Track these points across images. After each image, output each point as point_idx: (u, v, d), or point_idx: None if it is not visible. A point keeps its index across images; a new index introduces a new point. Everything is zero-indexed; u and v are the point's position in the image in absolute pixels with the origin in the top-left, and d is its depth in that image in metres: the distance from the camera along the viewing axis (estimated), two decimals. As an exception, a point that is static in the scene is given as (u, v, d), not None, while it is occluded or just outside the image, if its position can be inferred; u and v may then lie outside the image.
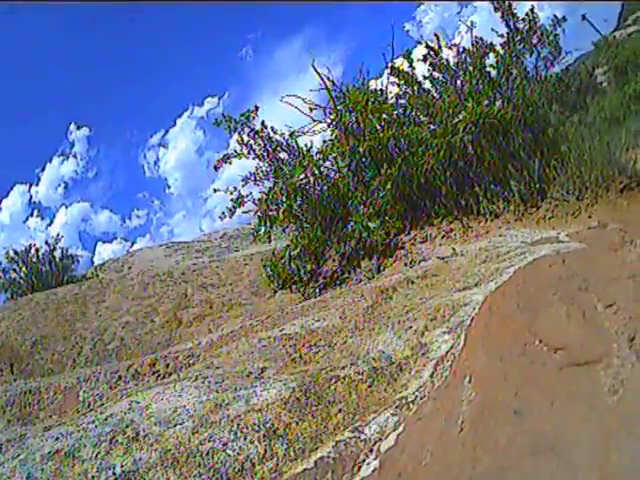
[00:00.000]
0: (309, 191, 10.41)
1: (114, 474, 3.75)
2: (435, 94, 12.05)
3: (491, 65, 12.32)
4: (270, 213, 10.31)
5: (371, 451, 3.27)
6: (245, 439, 3.58)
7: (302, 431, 3.52)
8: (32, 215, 47.94)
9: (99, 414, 5.20)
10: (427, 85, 12.57)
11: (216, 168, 11.60)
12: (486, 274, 6.24)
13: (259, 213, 10.52)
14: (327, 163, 11.01)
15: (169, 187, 55.76)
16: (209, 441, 3.68)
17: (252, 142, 11.47)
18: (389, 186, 9.78)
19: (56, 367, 10.38)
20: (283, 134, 11.58)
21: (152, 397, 4.97)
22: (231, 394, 4.24)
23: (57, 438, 4.85)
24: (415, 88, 12.07)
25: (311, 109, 11.39)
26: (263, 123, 11.53)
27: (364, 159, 10.45)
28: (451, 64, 12.76)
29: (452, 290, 6.04)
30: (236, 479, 3.26)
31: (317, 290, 9.53)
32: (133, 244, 47.19)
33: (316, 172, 10.60)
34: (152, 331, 10.69)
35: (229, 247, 18.06)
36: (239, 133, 11.54)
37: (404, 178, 9.99)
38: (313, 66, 11.52)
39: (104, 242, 47.58)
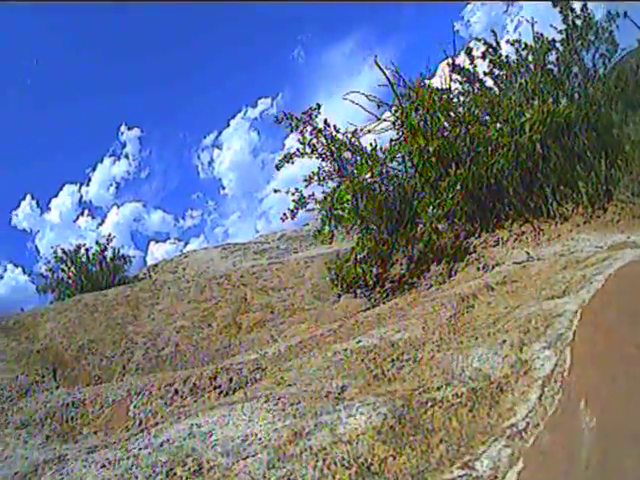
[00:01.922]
0: (374, 191, 10.07)
1: None
2: (497, 92, 11.71)
3: (551, 62, 11.98)
4: (335, 212, 9.98)
5: (489, 493, 2.72)
6: (334, 478, 2.97)
7: (401, 467, 2.92)
8: (82, 214, 47.99)
9: (153, 437, 4.61)
10: (489, 83, 12.22)
11: (278, 167, 11.23)
12: (572, 281, 5.96)
13: (323, 212, 10.21)
14: (392, 163, 10.68)
15: (223, 188, 55.63)
16: (289, 479, 3.10)
17: (315, 141, 11.11)
18: (458, 187, 9.45)
19: (104, 374, 10.01)
20: (345, 133, 11.20)
21: (216, 420, 4.39)
22: (312, 420, 3.64)
23: (103, 465, 4.23)
24: (478, 86, 11.76)
25: (379, 105, 11.07)
26: (326, 121, 11.16)
27: (432, 159, 10.04)
28: (511, 61, 12.40)
29: (538, 299, 5.67)
30: None
31: (384, 295, 9.15)
32: (186, 244, 47.13)
33: (382, 172, 10.30)
34: (209, 337, 10.30)
35: (288, 249, 17.80)
36: (301, 132, 11.18)
37: (473, 179, 9.64)
38: (377, 62, 11.15)
39: (157, 242, 47.54)
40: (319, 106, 11.30)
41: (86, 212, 49.23)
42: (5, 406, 8.31)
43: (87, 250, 21.52)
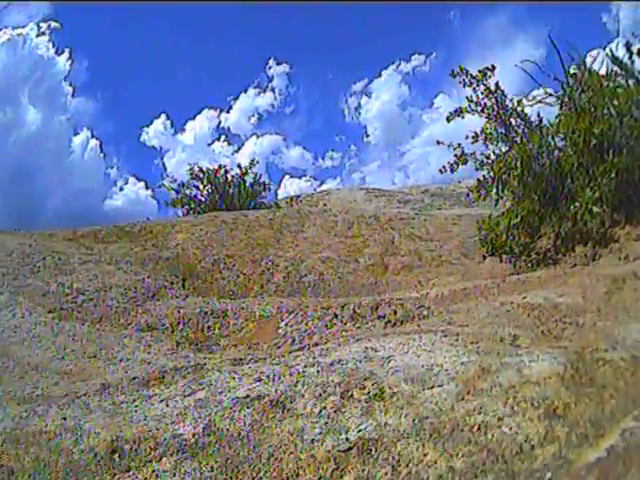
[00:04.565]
0: (538, 162, 10.14)
1: (347, 440, 3.25)
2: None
3: None
4: (502, 177, 10.13)
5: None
6: (523, 416, 3.18)
7: (581, 413, 3.14)
8: (219, 140, 49.23)
9: (319, 357, 4.83)
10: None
11: (448, 120, 11.51)
12: None
13: (490, 175, 10.39)
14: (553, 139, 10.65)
15: (367, 135, 56.19)
16: (479, 413, 3.26)
17: (486, 101, 11.38)
18: (613, 174, 9.36)
19: (239, 290, 10.33)
20: (512, 99, 11.44)
21: (394, 347, 4.60)
22: (496, 359, 3.90)
23: (258, 379, 4.40)
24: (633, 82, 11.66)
25: (556, 78, 11.11)
26: (497, 84, 11.37)
27: (593, 142, 9.93)
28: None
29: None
30: (514, 463, 2.83)
31: (529, 265, 9.33)
32: (322, 184, 47.82)
33: (543, 145, 10.31)
34: (356, 272, 10.59)
35: (432, 204, 17.81)
36: (474, 90, 11.44)
37: (627, 170, 9.55)
38: (549, 36, 11.44)
39: (292, 177, 48.43)
40: (494, 67, 11.46)
41: (222, 138, 50.28)
42: (128, 306, 8.77)
43: (226, 172, 22.04)
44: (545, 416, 3.14)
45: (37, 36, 42.99)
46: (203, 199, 21.68)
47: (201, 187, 21.97)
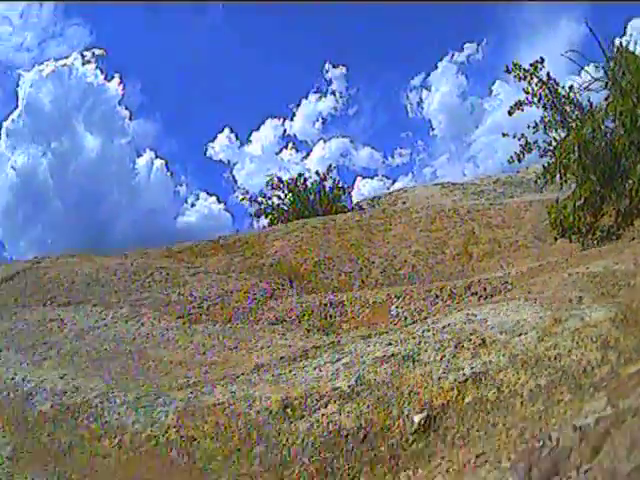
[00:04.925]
0: (594, 145, 10.82)
1: (464, 374, 4.59)
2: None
3: None
4: (563, 162, 10.85)
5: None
6: (585, 348, 4.44)
7: (628, 344, 4.34)
8: (286, 148, 50.09)
9: (432, 324, 6.17)
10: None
11: (510, 113, 12.32)
12: None
13: (552, 160, 11.22)
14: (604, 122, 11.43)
15: (433, 129, 56.26)
16: (554, 348, 4.56)
17: (541, 91, 12.22)
18: None
19: (343, 287, 11.29)
20: (564, 87, 12.31)
21: (488, 312, 5.93)
22: (566, 312, 5.21)
23: (389, 344, 5.82)
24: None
25: (596, 66, 11.98)
26: (549, 75, 12.23)
27: (638, 121, 10.62)
28: None
29: None
30: (581, 378, 4.08)
31: (595, 243, 10.14)
32: (394, 182, 48.14)
33: (596, 128, 11.07)
34: (443, 261, 11.74)
35: (504, 193, 18.70)
36: (529, 83, 12.25)
37: None
38: (586, 22, 12.48)
39: (364, 177, 48.91)
40: (543, 60, 12.30)
41: (289, 145, 51.13)
42: (252, 306, 10.01)
43: (305, 180, 23.13)
44: (601, 347, 4.41)
45: (83, 64, 44.06)
46: (286, 208, 22.66)
47: (282, 196, 23.09)
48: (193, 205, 49.24)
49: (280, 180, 23.52)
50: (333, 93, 49.82)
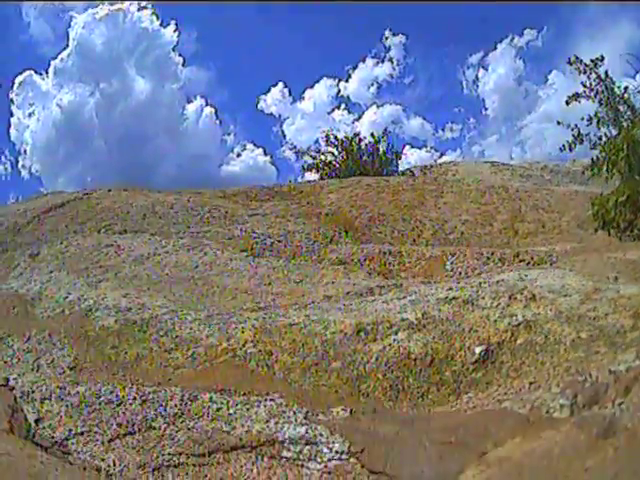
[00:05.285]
0: (637, 148, 11.05)
1: (517, 320, 5.49)
2: None
3: None
4: (612, 157, 11.19)
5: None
6: (620, 314, 5.27)
7: None
8: (338, 108, 49.91)
9: (487, 278, 7.07)
10: None
11: (567, 103, 12.82)
12: None
13: (602, 154, 11.61)
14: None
15: (486, 109, 55.78)
16: (594, 310, 5.42)
17: (597, 88, 12.56)
18: None
19: (395, 243, 11.69)
20: (619, 87, 12.66)
21: (536, 275, 6.82)
22: (604, 284, 6.14)
23: (449, 289, 6.69)
24: None
25: None
26: (607, 72, 12.58)
27: None
28: None
29: None
30: (615, 337, 4.90)
31: (632, 239, 10.48)
32: (442, 155, 48.09)
33: None
34: (491, 233, 12.35)
35: (550, 180, 19.08)
36: (587, 77, 12.62)
37: None
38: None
39: (412, 147, 48.71)
40: (602, 57, 12.67)
41: (342, 106, 51.10)
42: (315, 247, 10.67)
43: (360, 140, 23.25)
44: (632, 316, 5.25)
45: (138, 10, 43.90)
46: (337, 165, 22.88)
47: (336, 153, 23.20)
48: (239, 155, 48.90)
49: (335, 137, 23.51)
50: (390, 60, 49.47)
